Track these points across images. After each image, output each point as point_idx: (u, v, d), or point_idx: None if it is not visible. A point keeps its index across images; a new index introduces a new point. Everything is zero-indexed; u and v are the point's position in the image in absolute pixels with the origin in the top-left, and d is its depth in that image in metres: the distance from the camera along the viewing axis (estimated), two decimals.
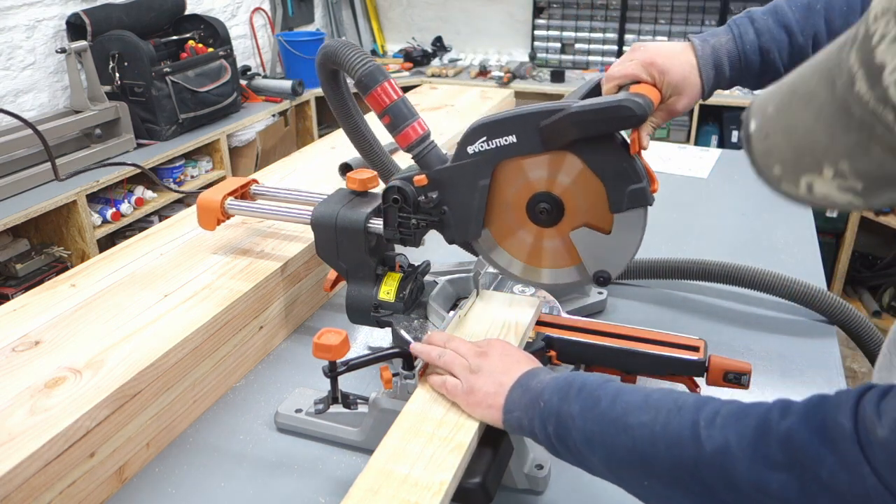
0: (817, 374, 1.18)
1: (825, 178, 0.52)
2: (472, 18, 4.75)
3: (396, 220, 1.08)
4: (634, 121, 0.88)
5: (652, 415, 0.72)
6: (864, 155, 0.49)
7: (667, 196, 1.78)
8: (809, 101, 0.53)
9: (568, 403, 0.78)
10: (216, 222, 1.32)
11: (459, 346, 0.92)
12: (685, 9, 4.17)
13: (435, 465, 0.79)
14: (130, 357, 1.03)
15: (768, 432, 0.64)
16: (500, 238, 1.07)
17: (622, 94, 0.91)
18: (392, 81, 1.04)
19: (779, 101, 0.56)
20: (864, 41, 0.48)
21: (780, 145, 0.55)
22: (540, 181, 1.00)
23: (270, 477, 0.99)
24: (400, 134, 1.03)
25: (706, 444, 0.67)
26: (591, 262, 1.01)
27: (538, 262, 1.06)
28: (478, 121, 0.98)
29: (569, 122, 0.91)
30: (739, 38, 1.00)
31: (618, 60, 1.02)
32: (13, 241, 2.68)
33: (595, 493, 0.94)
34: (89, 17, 3.03)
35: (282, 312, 1.31)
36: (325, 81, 1.16)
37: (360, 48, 1.06)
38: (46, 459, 0.87)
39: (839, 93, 0.50)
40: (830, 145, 0.51)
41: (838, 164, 0.51)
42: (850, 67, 0.49)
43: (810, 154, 0.52)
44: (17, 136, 2.60)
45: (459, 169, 1.01)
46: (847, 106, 0.49)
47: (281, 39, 4.14)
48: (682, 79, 0.98)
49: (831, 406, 0.61)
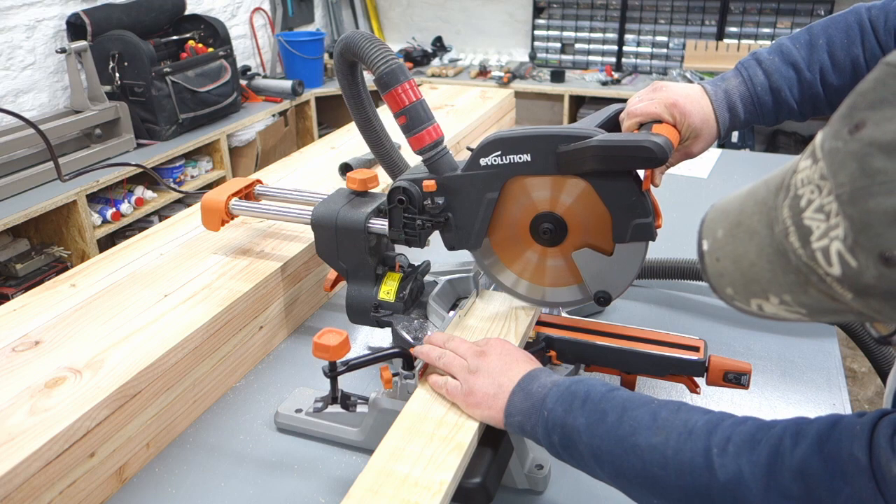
0: (817, 374, 1.18)
1: (772, 303, 0.56)
2: (472, 18, 4.75)
3: (402, 221, 1.08)
4: (655, 163, 0.88)
5: (662, 437, 0.71)
6: (802, 293, 0.53)
7: (667, 196, 1.78)
8: (751, 236, 0.56)
9: (573, 416, 0.78)
10: (220, 223, 1.32)
11: (458, 346, 0.92)
12: (685, 9, 4.17)
13: (435, 465, 0.79)
14: (130, 357, 1.03)
15: (782, 462, 0.64)
16: (500, 253, 1.07)
17: (644, 134, 0.91)
18: (413, 82, 1.02)
19: (726, 228, 0.60)
20: (794, 200, 0.52)
21: (730, 270, 0.59)
22: (546, 201, 1.00)
23: (270, 477, 0.99)
24: (414, 136, 1.02)
25: (719, 474, 0.66)
26: (593, 282, 1.01)
27: (540, 280, 1.07)
28: (495, 134, 0.98)
29: (590, 153, 0.91)
30: (749, 80, 1.01)
31: (638, 95, 1.03)
32: (13, 241, 2.68)
33: (595, 494, 0.94)
34: (89, 17, 3.04)
35: (282, 312, 1.31)
36: (341, 72, 1.14)
37: (383, 43, 1.04)
38: (47, 459, 0.87)
39: (777, 238, 0.54)
40: (773, 280, 0.55)
41: (782, 296, 0.55)
42: (784, 219, 0.53)
43: (756, 284, 0.56)
44: (17, 136, 2.60)
45: (469, 179, 1.01)
46: (784, 252, 0.53)
47: (281, 39, 4.14)
48: (701, 122, 0.99)
49: (846, 435, 0.61)
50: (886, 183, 0.45)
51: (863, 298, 0.49)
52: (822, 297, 0.52)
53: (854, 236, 0.47)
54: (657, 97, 1.00)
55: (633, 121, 1.00)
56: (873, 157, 0.46)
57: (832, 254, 0.49)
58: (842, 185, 0.48)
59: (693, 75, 4.03)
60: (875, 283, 0.47)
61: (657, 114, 0.98)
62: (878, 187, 0.46)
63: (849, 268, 0.48)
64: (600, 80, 4.07)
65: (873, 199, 0.46)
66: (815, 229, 0.50)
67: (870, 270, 0.47)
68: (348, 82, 1.16)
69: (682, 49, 4.15)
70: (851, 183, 0.47)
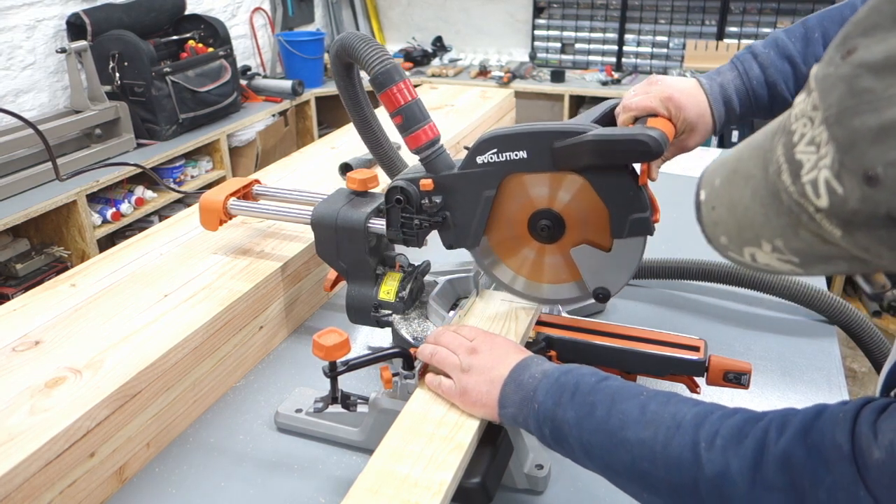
0: (817, 374, 1.18)
1: (765, 251, 0.56)
2: (472, 18, 4.75)
3: (399, 221, 1.08)
4: (650, 156, 0.88)
5: (651, 432, 0.72)
6: (794, 236, 0.53)
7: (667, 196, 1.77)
8: (747, 180, 0.57)
9: (563, 409, 0.78)
10: (219, 222, 1.33)
11: (450, 341, 0.92)
12: (685, 9, 4.17)
13: (435, 465, 0.79)
14: (130, 357, 1.03)
15: (766, 453, 0.64)
16: (499, 251, 1.07)
17: (639, 128, 0.92)
18: (408, 82, 1.02)
19: (723, 176, 0.60)
20: (787, 136, 0.52)
21: (724, 218, 0.59)
22: (544, 198, 1.00)
23: (270, 477, 0.99)
24: (411, 135, 1.02)
25: (706, 468, 0.67)
26: (591, 278, 1.01)
27: (538, 277, 1.06)
28: (490, 132, 0.98)
29: (586, 148, 0.91)
30: (745, 73, 1.02)
31: (634, 90, 1.03)
32: (13, 241, 2.68)
33: (595, 494, 0.94)
34: (89, 17, 3.04)
35: (282, 312, 1.31)
36: (338, 73, 1.14)
37: (377, 44, 1.04)
38: (47, 459, 0.87)
39: (771, 178, 0.54)
40: (766, 224, 0.55)
41: (774, 242, 0.55)
42: (777, 157, 0.53)
43: (750, 229, 0.56)
44: (17, 136, 2.60)
45: (466, 177, 1.01)
46: (777, 192, 0.53)
47: (281, 39, 4.14)
48: (697, 116, 1.00)
49: (829, 422, 0.61)
50: (872, 101, 0.45)
51: (850, 233, 0.49)
52: (812, 240, 0.52)
53: (840, 158, 0.47)
54: (652, 91, 1.00)
55: (629, 115, 1.00)
56: (861, 77, 0.46)
57: (820, 184, 0.49)
58: (830, 107, 0.48)
59: (693, 75, 4.02)
60: (859, 208, 0.47)
61: (652, 107, 0.98)
62: (864, 106, 0.46)
63: (835, 196, 0.48)
64: (600, 80, 4.07)
65: (859, 117, 0.46)
66: (806, 162, 0.50)
67: (854, 194, 0.47)
68: (345, 84, 1.16)
69: (682, 49, 4.15)
70: (839, 104, 0.47)
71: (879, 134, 0.45)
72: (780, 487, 0.62)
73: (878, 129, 0.45)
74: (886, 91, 0.45)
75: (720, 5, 4.09)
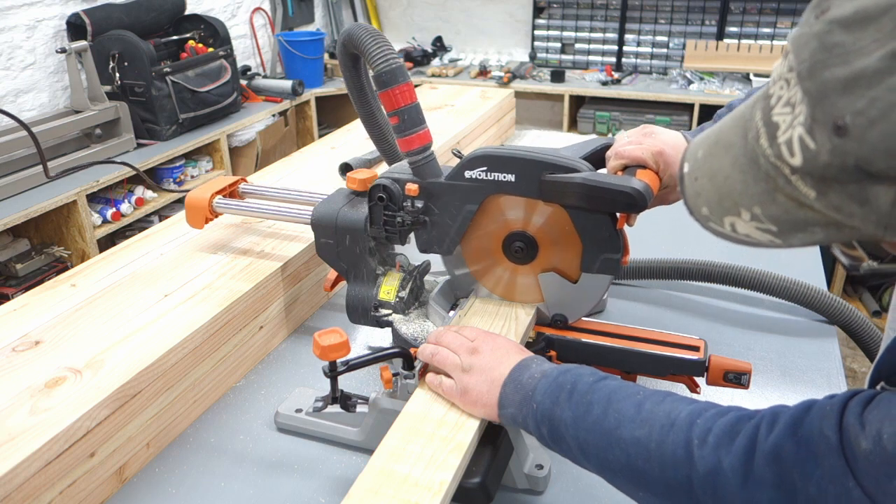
0: (817, 374, 1.18)
1: (744, 219, 0.57)
2: (472, 18, 4.75)
3: (382, 218, 1.09)
4: (634, 208, 0.93)
5: (646, 430, 0.72)
6: (771, 202, 0.54)
7: None
8: (728, 149, 0.58)
9: (560, 408, 0.79)
10: (204, 220, 1.33)
11: (451, 341, 0.93)
12: (685, 9, 4.17)
13: (435, 465, 0.79)
14: (130, 357, 1.03)
15: (757, 449, 0.64)
16: (469, 261, 1.11)
17: (628, 179, 0.95)
18: (410, 84, 1.02)
19: (706, 147, 0.61)
20: (765, 100, 0.54)
21: (706, 188, 0.60)
22: (522, 221, 1.04)
23: (270, 477, 0.99)
24: (405, 138, 1.02)
25: (699, 466, 0.67)
26: (553, 304, 1.07)
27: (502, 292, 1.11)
28: (483, 149, 1.01)
29: (574, 189, 0.95)
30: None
31: (628, 136, 1.07)
32: (13, 241, 2.68)
33: (595, 494, 0.94)
34: (89, 17, 3.03)
35: (282, 312, 1.31)
36: (344, 64, 1.14)
37: (384, 39, 1.03)
38: (46, 459, 0.87)
39: (750, 144, 0.55)
40: (745, 191, 0.56)
41: (752, 209, 0.56)
42: (756, 123, 0.55)
43: (729, 198, 0.57)
44: (17, 136, 2.60)
45: (452, 188, 1.03)
46: (755, 157, 0.55)
47: (281, 39, 4.14)
48: None
49: (817, 416, 0.62)
50: (842, 54, 0.47)
51: (824, 194, 0.51)
52: (789, 205, 0.54)
53: (811, 112, 0.49)
54: (646, 143, 1.03)
55: (619, 162, 1.04)
56: (833, 32, 0.48)
57: (794, 142, 0.51)
58: (802, 62, 0.50)
59: (693, 75, 4.03)
60: (830, 161, 0.48)
61: (643, 160, 1.02)
62: (834, 59, 0.48)
63: (808, 151, 0.50)
64: (600, 80, 4.07)
65: (829, 70, 0.48)
66: (782, 123, 0.52)
67: (825, 146, 0.48)
68: (351, 75, 1.16)
69: (682, 49, 4.15)
70: (811, 58, 0.49)
71: (848, 84, 0.47)
72: (771, 482, 0.62)
73: (846, 80, 0.47)
74: (855, 44, 0.47)
75: (720, 5, 4.08)
